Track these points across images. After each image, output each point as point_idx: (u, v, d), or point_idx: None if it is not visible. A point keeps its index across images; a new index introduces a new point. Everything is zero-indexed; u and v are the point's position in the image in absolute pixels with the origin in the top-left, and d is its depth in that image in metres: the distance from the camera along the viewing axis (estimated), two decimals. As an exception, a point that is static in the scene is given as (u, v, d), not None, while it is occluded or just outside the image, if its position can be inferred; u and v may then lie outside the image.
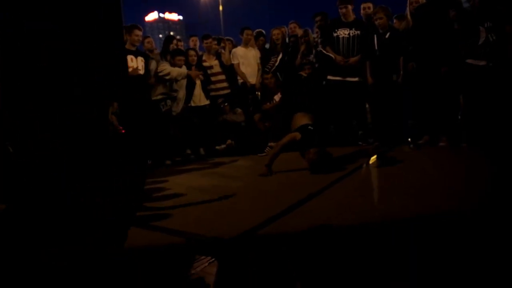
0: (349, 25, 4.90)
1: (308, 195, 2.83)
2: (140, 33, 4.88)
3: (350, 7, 4.92)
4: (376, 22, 4.79)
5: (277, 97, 5.35)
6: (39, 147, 3.81)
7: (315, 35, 5.54)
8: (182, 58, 5.29)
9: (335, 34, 4.93)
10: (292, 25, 5.90)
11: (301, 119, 3.95)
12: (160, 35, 67.72)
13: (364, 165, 3.72)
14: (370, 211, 2.44)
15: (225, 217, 2.55)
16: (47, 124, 4.10)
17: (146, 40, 5.58)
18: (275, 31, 5.70)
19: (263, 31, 6.07)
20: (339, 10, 4.94)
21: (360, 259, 1.81)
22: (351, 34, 4.88)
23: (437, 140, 4.48)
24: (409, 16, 4.72)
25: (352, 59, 4.84)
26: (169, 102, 5.19)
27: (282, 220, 2.37)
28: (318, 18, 5.42)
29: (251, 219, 2.36)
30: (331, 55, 4.97)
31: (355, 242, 2.02)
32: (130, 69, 4.68)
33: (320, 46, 5.23)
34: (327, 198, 2.84)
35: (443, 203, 2.49)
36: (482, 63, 4.11)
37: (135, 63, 4.76)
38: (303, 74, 5.26)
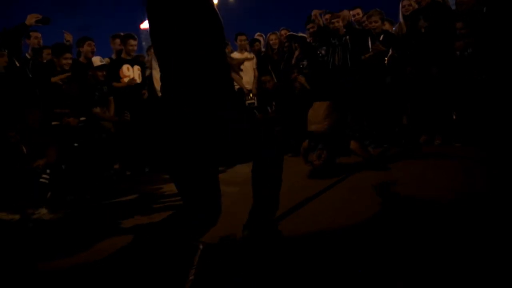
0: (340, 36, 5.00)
1: (305, 198, 2.85)
2: (135, 42, 4.88)
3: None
4: (371, 25, 4.83)
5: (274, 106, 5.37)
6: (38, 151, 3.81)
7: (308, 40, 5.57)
8: None
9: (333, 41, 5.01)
10: (283, 32, 5.94)
11: (315, 114, 3.75)
12: (156, 43, 67.57)
13: (359, 169, 3.70)
14: (366, 213, 2.46)
15: (220, 222, 2.55)
16: (46, 129, 4.12)
17: None
18: (272, 36, 5.75)
19: (263, 35, 6.12)
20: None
21: (359, 261, 1.82)
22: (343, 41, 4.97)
23: (432, 140, 4.52)
24: (401, 19, 4.77)
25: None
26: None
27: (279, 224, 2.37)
28: (310, 26, 5.47)
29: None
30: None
31: (353, 245, 2.03)
32: (126, 79, 4.70)
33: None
34: (324, 201, 2.87)
35: (440, 201, 2.52)
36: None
37: (132, 72, 4.78)
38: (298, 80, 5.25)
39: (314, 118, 3.76)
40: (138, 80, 4.85)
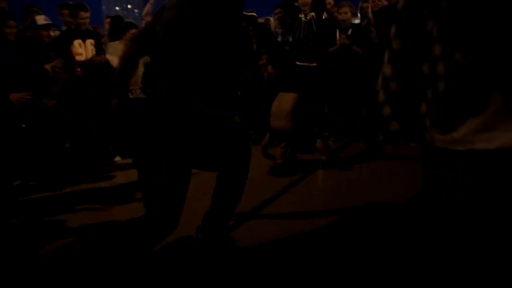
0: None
1: (263, 201, 2.81)
2: (86, 14, 4.32)
3: None
4: (340, 17, 4.73)
5: None
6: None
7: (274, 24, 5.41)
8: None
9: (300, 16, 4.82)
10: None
11: (280, 108, 3.54)
12: (117, 8, 62.69)
13: (321, 168, 3.69)
14: (326, 214, 2.47)
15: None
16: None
17: None
18: None
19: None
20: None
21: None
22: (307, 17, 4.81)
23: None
24: (370, 15, 4.72)
25: None
26: (138, 91, 4.79)
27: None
28: (277, 11, 5.28)
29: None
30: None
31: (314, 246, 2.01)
32: (78, 57, 4.29)
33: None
34: (282, 203, 2.84)
35: (393, 204, 2.61)
36: None
37: (83, 49, 4.35)
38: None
39: (279, 112, 3.54)
40: (91, 55, 4.40)
